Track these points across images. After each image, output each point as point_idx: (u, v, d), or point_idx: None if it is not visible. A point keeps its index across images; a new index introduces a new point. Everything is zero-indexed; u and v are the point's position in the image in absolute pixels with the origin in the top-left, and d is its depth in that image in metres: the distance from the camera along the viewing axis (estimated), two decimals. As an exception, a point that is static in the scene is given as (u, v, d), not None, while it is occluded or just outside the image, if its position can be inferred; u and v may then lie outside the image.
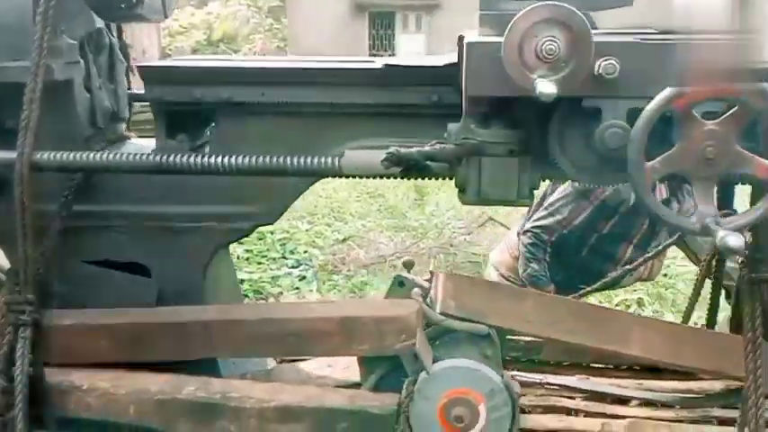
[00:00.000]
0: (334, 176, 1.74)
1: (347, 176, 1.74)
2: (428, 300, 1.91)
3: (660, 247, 2.81)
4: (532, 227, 3.60)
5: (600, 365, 2.38)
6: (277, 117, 1.90)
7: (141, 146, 2.07)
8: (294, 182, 1.91)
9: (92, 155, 1.81)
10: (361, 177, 1.73)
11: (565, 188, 3.51)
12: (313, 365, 2.13)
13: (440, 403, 1.78)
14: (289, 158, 1.74)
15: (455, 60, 1.74)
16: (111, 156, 1.81)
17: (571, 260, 3.58)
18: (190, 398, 1.85)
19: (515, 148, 1.65)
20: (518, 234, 3.75)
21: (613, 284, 3.55)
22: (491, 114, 1.65)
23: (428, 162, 1.64)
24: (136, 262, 2.03)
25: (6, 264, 2.09)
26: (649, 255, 2.77)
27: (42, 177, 1.91)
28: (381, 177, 1.73)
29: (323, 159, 1.74)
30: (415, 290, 1.97)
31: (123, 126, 2.16)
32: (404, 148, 1.62)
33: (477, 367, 1.78)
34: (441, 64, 1.77)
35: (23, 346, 1.84)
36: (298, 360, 2.19)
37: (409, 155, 1.61)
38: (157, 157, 1.78)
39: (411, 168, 1.65)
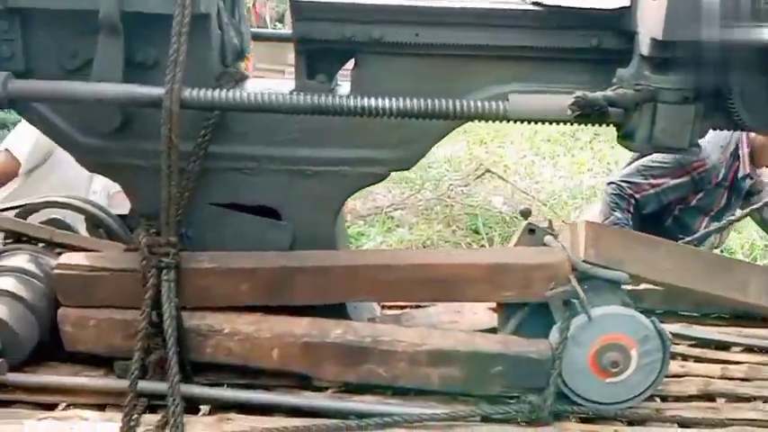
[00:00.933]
0: (499, 120, 1.71)
1: (512, 121, 1.71)
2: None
3: (735, 218, 2.93)
4: (620, 179, 3.70)
5: (695, 314, 2.43)
6: (424, 58, 1.85)
7: (268, 85, 2.00)
8: (436, 127, 1.87)
9: (244, 94, 1.73)
10: (528, 122, 1.70)
11: (664, 156, 3.56)
12: (440, 310, 2.13)
13: (592, 349, 1.80)
14: (452, 102, 1.70)
15: (626, 4, 1.71)
16: (265, 96, 1.74)
17: (652, 225, 3.66)
18: (338, 341, 1.84)
19: (690, 95, 1.64)
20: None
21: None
22: (669, 60, 1.63)
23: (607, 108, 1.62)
24: (263, 206, 1.98)
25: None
26: (724, 224, 2.89)
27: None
28: (550, 123, 1.71)
29: (487, 103, 1.70)
30: (548, 237, 1.98)
31: (243, 64, 2.09)
32: (590, 93, 1.60)
33: (631, 314, 1.80)
34: (610, 7, 1.74)
35: (169, 289, 1.79)
36: (418, 306, 2.19)
37: (595, 100, 1.59)
38: (315, 98, 1.71)
39: (590, 114, 1.63)
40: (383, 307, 2.31)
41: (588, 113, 1.62)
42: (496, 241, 5.49)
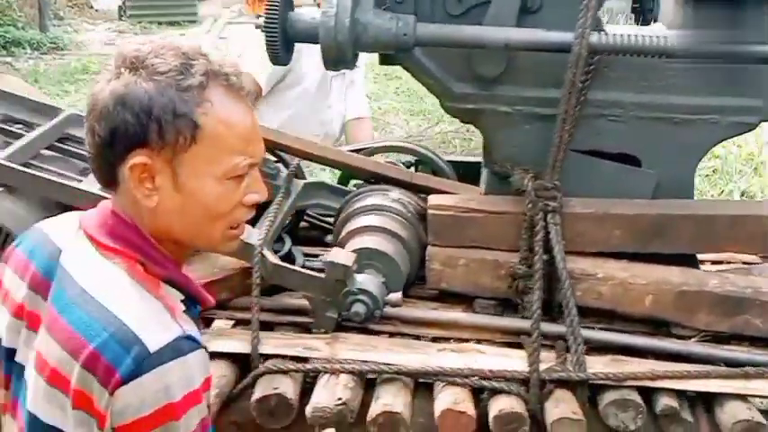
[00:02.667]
0: None
1: None
2: None
3: None
4: None
5: None
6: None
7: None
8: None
9: (647, 38, 1.73)
10: None
11: None
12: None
13: None
14: None
15: None
16: (664, 41, 1.73)
17: None
18: (716, 291, 1.84)
19: None
20: None
21: None
22: None
23: None
24: (623, 153, 1.98)
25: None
26: None
27: (544, 60, 1.87)
28: None
29: None
30: None
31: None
32: None
33: None
34: None
35: (556, 232, 1.83)
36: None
37: None
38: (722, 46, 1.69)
39: None
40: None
41: None
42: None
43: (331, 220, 2.33)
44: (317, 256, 2.27)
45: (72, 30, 10.51)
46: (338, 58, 1.78)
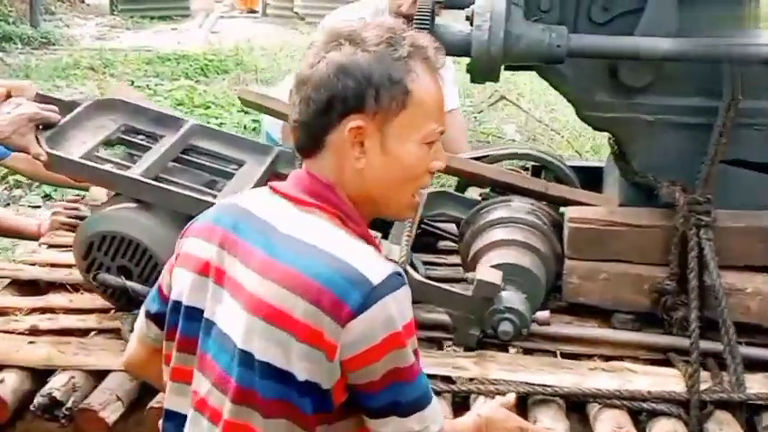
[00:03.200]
0: None
1: None
2: None
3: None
4: None
5: None
6: None
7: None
8: None
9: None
10: None
11: None
12: None
13: None
14: None
15: None
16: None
17: None
18: None
19: None
20: None
21: None
22: None
23: None
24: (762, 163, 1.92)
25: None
26: None
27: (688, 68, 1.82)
28: None
29: None
30: None
31: None
32: None
33: None
34: None
35: (710, 248, 1.78)
36: None
37: None
38: None
39: None
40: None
41: None
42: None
43: (443, 225, 2.31)
44: (433, 263, 2.25)
45: (63, 25, 10.31)
46: (488, 71, 1.74)
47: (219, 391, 1.14)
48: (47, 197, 4.73)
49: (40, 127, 1.92)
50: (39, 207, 4.62)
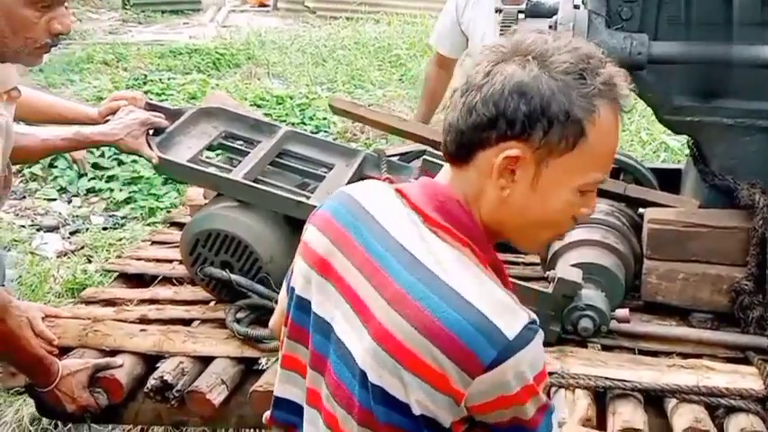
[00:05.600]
0: None
1: None
2: None
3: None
4: None
5: None
6: None
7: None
8: None
9: None
10: None
11: None
12: None
13: None
14: None
15: None
16: None
17: None
18: None
19: None
20: None
21: None
22: None
23: None
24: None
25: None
26: None
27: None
28: None
29: None
30: None
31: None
32: None
33: None
34: None
35: (790, 249, 1.82)
36: None
37: None
38: None
39: None
40: None
41: None
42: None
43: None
44: (511, 262, 2.32)
45: (76, 19, 10.09)
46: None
47: (338, 402, 1.12)
48: (62, 190, 4.94)
49: (151, 132, 2.09)
50: (54, 200, 4.82)
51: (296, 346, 1.21)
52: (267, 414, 1.30)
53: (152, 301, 2.18)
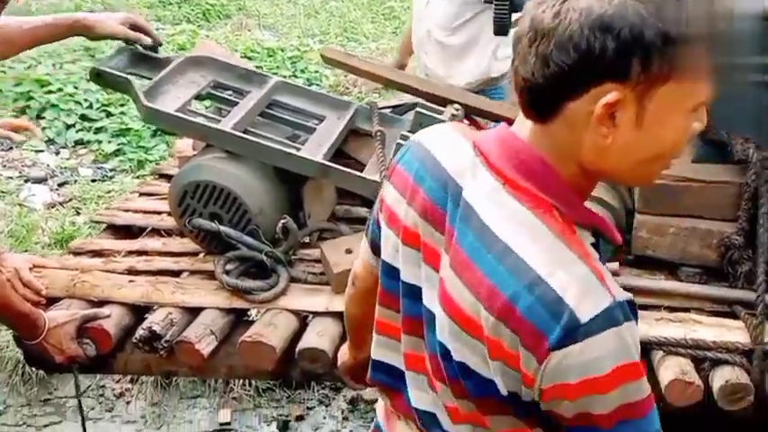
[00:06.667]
0: None
1: None
2: None
3: None
4: None
5: None
6: None
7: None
8: None
9: None
10: None
11: None
12: None
13: None
14: None
15: None
16: None
17: None
18: None
19: None
20: None
21: None
22: None
23: None
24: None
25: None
26: None
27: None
28: None
29: None
30: None
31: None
32: None
33: None
34: None
35: (780, 204, 1.81)
36: None
37: None
38: None
39: None
40: None
41: None
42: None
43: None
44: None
45: None
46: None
47: (433, 368, 1.08)
48: (50, 141, 4.82)
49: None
50: (42, 151, 4.73)
51: (388, 312, 1.18)
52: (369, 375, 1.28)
53: (140, 253, 2.16)
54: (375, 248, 1.23)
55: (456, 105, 2.21)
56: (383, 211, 1.16)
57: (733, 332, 1.79)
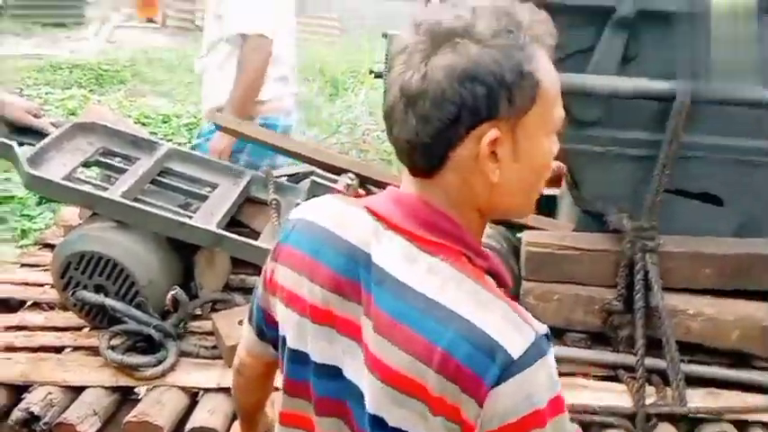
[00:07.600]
0: None
1: None
2: None
3: None
4: None
5: None
6: None
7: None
8: None
9: (748, 89, 1.84)
10: None
11: None
12: None
13: None
14: None
15: None
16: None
17: None
18: (804, 326, 1.95)
19: None
20: None
21: None
22: None
23: None
24: (707, 192, 2.08)
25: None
26: None
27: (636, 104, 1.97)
28: None
29: None
30: None
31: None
32: None
33: None
34: None
35: (656, 272, 1.92)
36: None
37: None
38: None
39: None
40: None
41: None
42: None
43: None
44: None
45: None
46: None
47: None
48: None
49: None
50: None
51: (297, 402, 1.14)
52: None
53: (20, 328, 2.05)
54: (261, 334, 1.22)
55: (350, 174, 2.25)
56: (279, 294, 1.13)
57: (617, 396, 1.86)
